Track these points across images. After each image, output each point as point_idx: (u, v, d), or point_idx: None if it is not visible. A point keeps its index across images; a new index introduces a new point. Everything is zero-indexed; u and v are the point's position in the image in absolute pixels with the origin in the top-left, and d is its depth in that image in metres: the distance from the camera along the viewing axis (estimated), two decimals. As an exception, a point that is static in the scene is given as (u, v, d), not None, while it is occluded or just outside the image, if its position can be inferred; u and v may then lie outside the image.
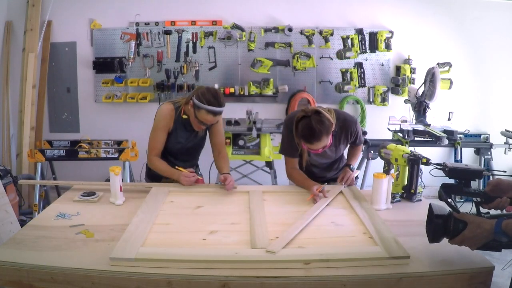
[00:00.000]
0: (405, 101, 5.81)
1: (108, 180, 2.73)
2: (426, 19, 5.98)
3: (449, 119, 5.30)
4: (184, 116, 3.13)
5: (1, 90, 5.95)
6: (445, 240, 1.92)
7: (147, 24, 5.96)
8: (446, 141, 4.81)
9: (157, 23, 5.97)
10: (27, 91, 5.71)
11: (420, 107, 5.35)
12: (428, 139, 5.09)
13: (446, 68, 5.69)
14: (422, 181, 2.84)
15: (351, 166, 3.19)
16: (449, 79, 5.75)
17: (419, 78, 5.82)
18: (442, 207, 1.98)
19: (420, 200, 2.76)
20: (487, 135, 5.86)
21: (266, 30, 5.92)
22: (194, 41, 5.97)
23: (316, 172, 3.21)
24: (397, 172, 2.76)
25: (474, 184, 2.56)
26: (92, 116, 6.26)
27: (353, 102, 6.15)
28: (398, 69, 6.02)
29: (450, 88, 5.76)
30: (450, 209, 1.94)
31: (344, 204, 2.68)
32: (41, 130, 6.10)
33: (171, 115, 3.13)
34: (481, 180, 5.18)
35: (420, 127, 5.10)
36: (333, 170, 3.28)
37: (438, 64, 5.59)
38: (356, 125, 3.02)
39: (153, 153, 3.18)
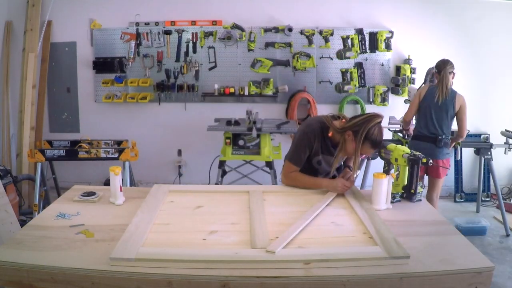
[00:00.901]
0: (405, 101, 5.81)
1: (108, 180, 2.73)
2: (426, 19, 5.99)
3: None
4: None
5: (1, 90, 5.95)
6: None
7: (147, 24, 5.97)
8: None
9: (157, 23, 5.97)
10: (27, 91, 5.72)
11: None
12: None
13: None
14: (423, 185, 2.84)
15: (349, 166, 3.17)
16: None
17: (419, 78, 5.83)
18: None
19: (420, 200, 2.75)
20: (487, 135, 5.86)
21: (266, 30, 5.92)
22: (194, 41, 5.98)
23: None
24: (397, 172, 2.76)
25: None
26: (92, 116, 6.27)
27: (353, 102, 6.15)
28: (398, 69, 6.03)
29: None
30: None
31: (344, 204, 2.68)
32: (41, 130, 6.10)
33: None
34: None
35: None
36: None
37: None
38: None
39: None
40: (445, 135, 4.49)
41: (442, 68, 4.48)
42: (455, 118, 4.56)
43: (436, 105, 4.46)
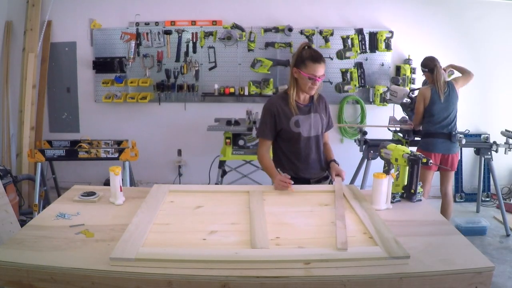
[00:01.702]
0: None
1: (108, 180, 2.73)
2: (426, 19, 5.99)
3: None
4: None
5: (1, 90, 5.95)
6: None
7: (147, 24, 5.97)
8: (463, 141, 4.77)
9: (157, 23, 5.97)
10: (27, 91, 5.72)
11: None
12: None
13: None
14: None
15: (334, 160, 3.30)
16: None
17: (419, 78, 5.82)
18: None
19: (420, 200, 2.75)
20: (487, 135, 5.86)
21: (266, 30, 5.92)
22: (194, 41, 5.98)
23: (304, 157, 3.21)
24: (397, 172, 2.76)
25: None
26: (92, 116, 6.27)
27: (353, 102, 6.15)
28: (398, 69, 6.03)
29: None
30: None
31: (344, 204, 2.67)
32: (41, 130, 6.11)
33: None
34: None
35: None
36: (318, 165, 3.29)
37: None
38: (326, 99, 3.38)
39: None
40: (457, 129, 4.63)
41: (434, 66, 4.58)
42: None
43: (444, 104, 4.56)
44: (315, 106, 3.23)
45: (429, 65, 4.61)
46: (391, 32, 5.92)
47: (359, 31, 5.93)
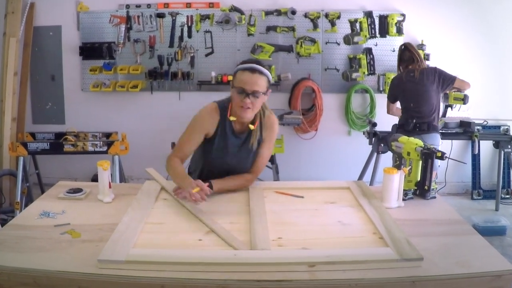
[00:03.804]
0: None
1: (96, 175, 2.73)
2: (440, 1, 5.96)
3: (465, 103, 5.08)
4: (232, 118, 2.83)
5: (-21, 78, 5.95)
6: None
7: (138, 6, 5.94)
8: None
9: (149, 5, 5.95)
10: (8, 79, 5.70)
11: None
12: (444, 131, 5.09)
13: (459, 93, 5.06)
14: (436, 176, 2.83)
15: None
16: (464, 95, 4.93)
17: (433, 65, 5.80)
18: None
19: (435, 197, 2.75)
20: (507, 127, 5.85)
21: (267, 13, 5.90)
22: (189, 25, 5.96)
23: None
24: (410, 167, 2.75)
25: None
26: (78, 106, 6.25)
27: (362, 91, 6.14)
28: (410, 55, 6.01)
29: (465, 103, 4.96)
30: None
31: (351, 201, 2.68)
32: (23, 122, 6.09)
33: (213, 115, 2.86)
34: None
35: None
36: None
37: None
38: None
39: (176, 154, 2.94)
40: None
41: None
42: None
43: None
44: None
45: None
46: (403, 15, 5.90)
47: (368, 14, 5.91)
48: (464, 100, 4.83)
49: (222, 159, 2.89)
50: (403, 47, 4.92)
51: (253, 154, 2.92)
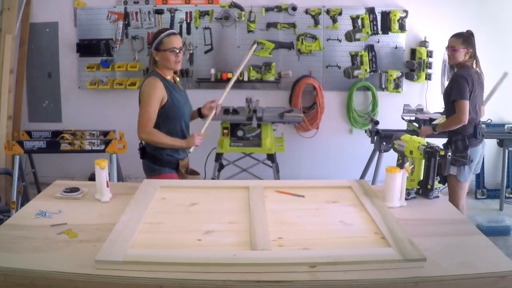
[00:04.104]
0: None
1: (93, 174, 2.73)
2: (444, -4, 5.96)
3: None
4: (168, 77, 3.53)
5: (-25, 75, 5.94)
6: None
7: (136, 2, 5.95)
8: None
9: (147, 2, 5.95)
10: (3, 76, 5.70)
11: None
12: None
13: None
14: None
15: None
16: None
17: (437, 62, 5.81)
18: None
19: (438, 196, 2.75)
20: (511, 125, 5.85)
21: (268, 9, 5.90)
22: (188, 21, 5.96)
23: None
24: (412, 165, 2.75)
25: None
26: (75, 104, 6.26)
27: (364, 88, 6.14)
28: (413, 52, 6.01)
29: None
30: None
31: (353, 201, 2.67)
32: (19, 120, 6.09)
33: (160, 85, 3.41)
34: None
35: (438, 116, 5.08)
36: None
37: None
38: None
39: (149, 125, 3.40)
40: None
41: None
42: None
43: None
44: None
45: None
46: (406, 11, 5.90)
47: (370, 10, 5.90)
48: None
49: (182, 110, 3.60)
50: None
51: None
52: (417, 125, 5.12)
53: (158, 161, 3.49)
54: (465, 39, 4.19)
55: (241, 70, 4.31)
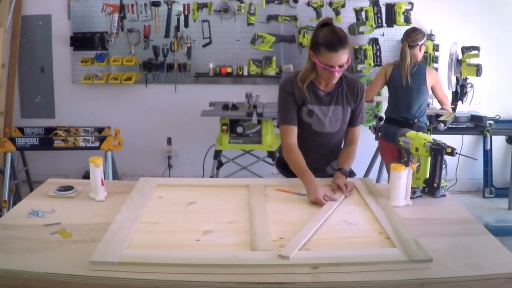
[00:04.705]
0: None
1: (87, 172, 2.73)
2: (451, -12, 5.95)
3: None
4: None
5: (-35, 70, 5.94)
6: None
7: (132, -6, 5.94)
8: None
9: (143, -7, 5.95)
10: (-5, 71, 5.70)
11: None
12: (454, 125, 5.08)
13: (475, 52, 5.43)
14: (446, 173, 2.83)
15: (342, 169, 2.96)
16: (477, 65, 5.36)
17: (443, 56, 5.80)
18: None
19: (444, 195, 2.75)
20: (520, 121, 5.86)
21: (268, 1, 5.88)
22: (186, 14, 5.95)
23: (313, 152, 3.07)
24: (418, 163, 2.75)
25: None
26: (69, 100, 6.25)
27: (368, 83, 6.13)
28: (419, 46, 6.00)
29: (479, 75, 5.35)
30: None
31: (357, 200, 2.67)
32: (11, 116, 6.08)
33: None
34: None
35: (444, 112, 5.08)
36: (323, 167, 3.18)
37: (463, 48, 5.47)
38: (362, 87, 3.09)
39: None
40: (417, 119, 4.60)
41: (403, 41, 4.66)
42: (431, 95, 4.82)
43: (402, 85, 4.60)
44: (341, 96, 3.00)
45: (402, 38, 4.72)
46: (411, 3, 5.89)
47: (375, 3, 5.90)
48: (478, 70, 5.00)
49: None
50: None
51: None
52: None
53: None
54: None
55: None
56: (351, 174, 3.07)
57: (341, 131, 3.10)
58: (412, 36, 4.59)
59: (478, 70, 5.11)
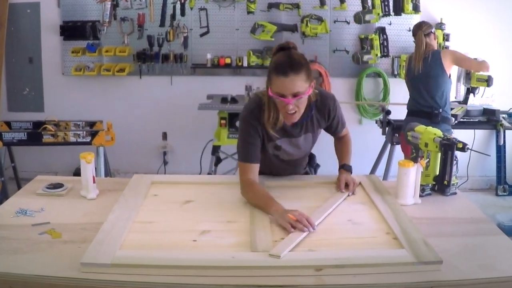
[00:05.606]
0: None
1: (78, 169, 2.73)
2: (463, -26, 5.95)
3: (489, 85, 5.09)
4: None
5: (-51, 60, 5.94)
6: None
7: (125, -20, 5.94)
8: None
9: (137, -21, 5.94)
10: (-20, 62, 5.70)
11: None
12: (465, 119, 5.08)
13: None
14: (457, 169, 2.83)
15: (346, 165, 2.91)
16: (487, 78, 5.02)
17: (454, 45, 5.79)
18: None
19: (455, 193, 2.75)
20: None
21: (269, -13, 5.89)
22: (182, 1, 5.94)
23: (280, 171, 2.99)
24: (427, 159, 2.75)
25: None
26: (59, 92, 6.25)
27: (374, 75, 6.14)
28: (428, 35, 6.00)
29: (489, 85, 5.06)
30: None
31: (363, 198, 2.68)
32: (-3, 109, 6.10)
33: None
34: None
35: (455, 105, 5.08)
36: (300, 167, 3.12)
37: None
38: (335, 101, 2.85)
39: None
40: (441, 108, 4.59)
41: (416, 33, 4.72)
42: (452, 80, 4.75)
43: (418, 74, 4.65)
44: (311, 122, 2.78)
45: (413, 32, 4.80)
46: (421, -10, 5.90)
47: (382, -11, 5.90)
48: (488, 82, 4.86)
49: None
50: None
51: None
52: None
53: None
54: None
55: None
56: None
57: (311, 147, 2.98)
58: (424, 26, 4.67)
59: (488, 81, 5.00)
